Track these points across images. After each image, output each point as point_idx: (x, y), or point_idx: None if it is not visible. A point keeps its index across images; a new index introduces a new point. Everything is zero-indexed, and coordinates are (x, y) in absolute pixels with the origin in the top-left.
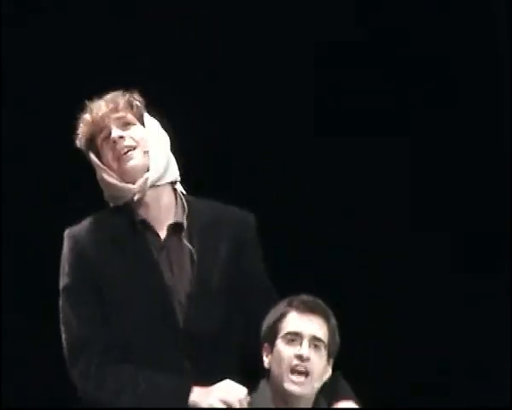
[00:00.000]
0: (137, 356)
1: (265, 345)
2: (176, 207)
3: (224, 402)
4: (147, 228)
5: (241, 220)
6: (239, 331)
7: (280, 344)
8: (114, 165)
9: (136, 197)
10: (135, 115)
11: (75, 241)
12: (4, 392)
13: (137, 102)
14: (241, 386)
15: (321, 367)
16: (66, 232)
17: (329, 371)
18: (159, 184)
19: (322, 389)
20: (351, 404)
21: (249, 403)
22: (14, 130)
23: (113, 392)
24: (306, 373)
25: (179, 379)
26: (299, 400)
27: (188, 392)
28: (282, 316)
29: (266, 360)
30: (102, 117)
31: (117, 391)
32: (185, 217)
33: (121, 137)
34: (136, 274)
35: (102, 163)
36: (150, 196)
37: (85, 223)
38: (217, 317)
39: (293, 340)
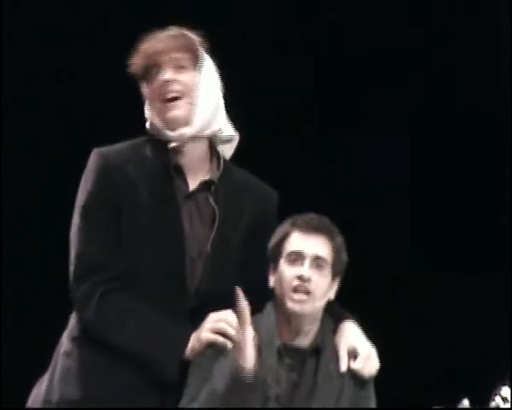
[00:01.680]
0: (142, 294)
1: (271, 265)
2: (211, 163)
3: (216, 331)
4: (179, 174)
5: (267, 194)
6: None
7: (282, 264)
8: (159, 105)
9: (171, 145)
10: (192, 59)
11: (107, 161)
12: (4, 392)
13: (198, 46)
14: (229, 312)
15: (324, 286)
16: (97, 150)
17: (334, 290)
18: (199, 135)
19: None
20: (353, 325)
21: (253, 325)
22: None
23: (115, 325)
24: (308, 292)
25: (180, 328)
26: (301, 318)
27: (186, 341)
28: (286, 236)
29: (272, 279)
30: (159, 53)
31: (118, 324)
32: (219, 175)
33: (171, 81)
34: (158, 217)
35: (150, 97)
36: (188, 144)
37: (120, 147)
38: (226, 279)
39: (295, 260)
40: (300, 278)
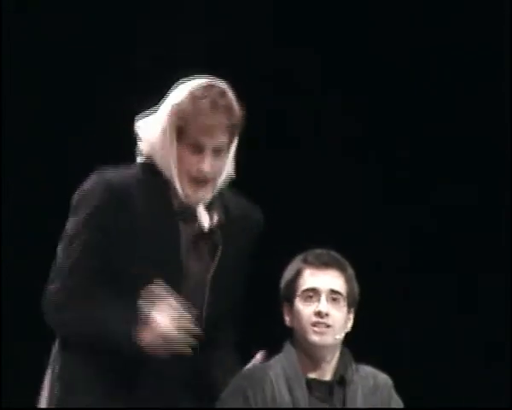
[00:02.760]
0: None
1: (285, 304)
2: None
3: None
4: (184, 211)
5: (257, 220)
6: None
7: (298, 303)
8: (186, 172)
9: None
10: (230, 140)
11: (113, 190)
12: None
13: (239, 125)
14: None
15: (341, 319)
16: (103, 177)
17: (351, 320)
18: None
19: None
20: None
21: (263, 374)
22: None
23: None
24: (328, 326)
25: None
26: (323, 350)
27: (135, 320)
28: (298, 273)
29: (288, 319)
30: (205, 133)
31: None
32: (222, 215)
33: (206, 168)
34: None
35: (177, 155)
36: None
37: (126, 174)
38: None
39: (310, 297)
40: (319, 314)
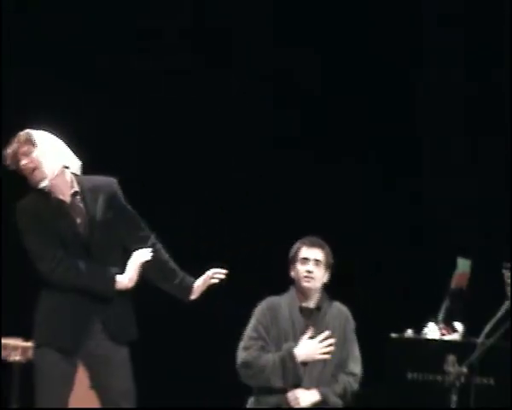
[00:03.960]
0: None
1: (291, 266)
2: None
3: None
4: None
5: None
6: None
7: (298, 264)
8: None
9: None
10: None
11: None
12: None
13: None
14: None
15: (320, 275)
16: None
17: (327, 276)
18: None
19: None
20: None
21: (277, 302)
22: None
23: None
24: (312, 278)
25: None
26: (310, 290)
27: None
28: (298, 249)
29: (292, 274)
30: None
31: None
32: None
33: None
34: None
35: None
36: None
37: (28, 199)
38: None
39: (304, 262)
40: (308, 271)
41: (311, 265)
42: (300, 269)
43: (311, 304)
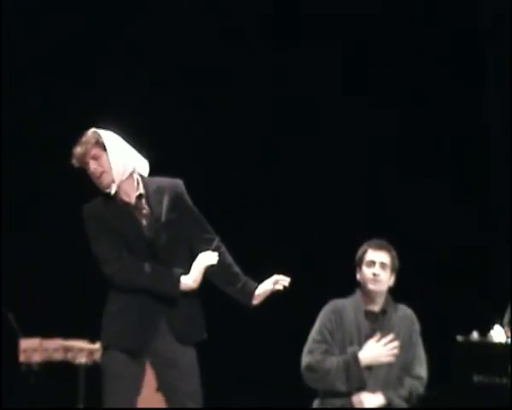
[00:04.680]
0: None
1: (357, 268)
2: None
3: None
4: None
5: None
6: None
7: (364, 267)
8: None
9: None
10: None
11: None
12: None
13: (99, 138)
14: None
15: (385, 278)
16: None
17: (393, 279)
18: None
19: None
20: None
21: (341, 305)
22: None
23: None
24: (378, 281)
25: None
26: (376, 293)
27: (179, 274)
28: (364, 252)
29: (358, 276)
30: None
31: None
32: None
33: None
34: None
35: None
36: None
37: (95, 203)
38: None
39: (370, 264)
40: (374, 274)
41: (378, 267)
42: (366, 272)
43: (376, 308)
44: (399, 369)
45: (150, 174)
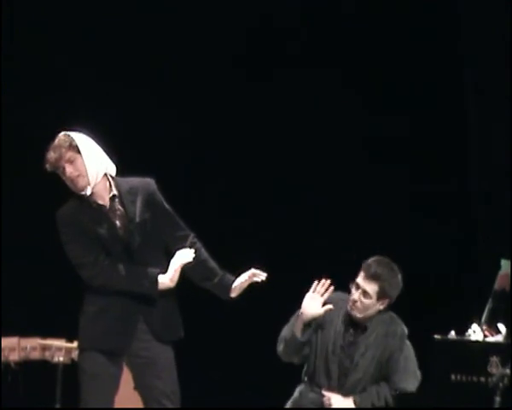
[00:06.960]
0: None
1: (351, 283)
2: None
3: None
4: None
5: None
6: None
7: (353, 285)
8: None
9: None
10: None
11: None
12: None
13: (72, 141)
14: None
15: (366, 306)
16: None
17: (380, 306)
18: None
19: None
20: None
21: (338, 299)
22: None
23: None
24: (356, 307)
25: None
26: (355, 316)
27: (156, 274)
28: (361, 269)
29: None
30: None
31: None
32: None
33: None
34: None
35: None
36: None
37: (68, 207)
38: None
39: (357, 287)
40: (354, 300)
41: (359, 294)
42: (352, 292)
43: (359, 321)
44: (371, 379)
45: (126, 174)
